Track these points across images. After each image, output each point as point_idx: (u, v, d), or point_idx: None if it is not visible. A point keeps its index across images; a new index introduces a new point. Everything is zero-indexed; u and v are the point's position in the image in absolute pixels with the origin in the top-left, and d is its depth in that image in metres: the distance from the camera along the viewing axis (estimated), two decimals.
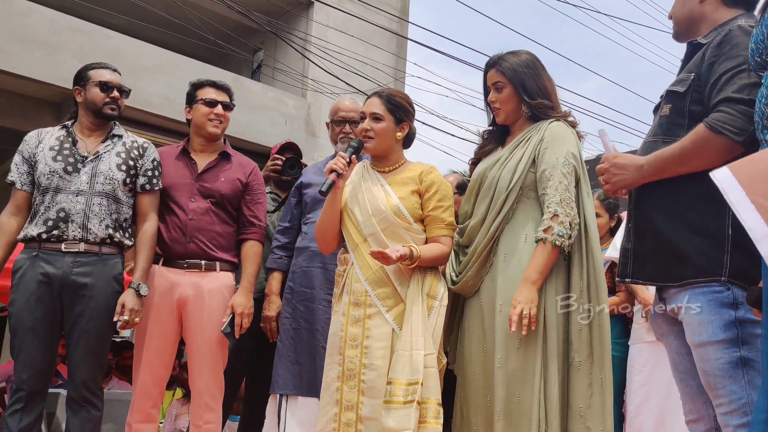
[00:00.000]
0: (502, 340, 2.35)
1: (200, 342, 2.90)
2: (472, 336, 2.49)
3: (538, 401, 2.30)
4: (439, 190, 2.58)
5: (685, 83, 2.01)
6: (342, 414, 2.43)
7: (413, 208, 2.55)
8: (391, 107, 2.61)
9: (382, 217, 2.52)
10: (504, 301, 2.37)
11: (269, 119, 9.63)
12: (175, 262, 2.96)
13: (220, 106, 3.08)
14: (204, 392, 2.90)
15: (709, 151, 1.86)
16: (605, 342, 2.39)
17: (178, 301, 2.91)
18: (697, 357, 1.90)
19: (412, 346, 2.35)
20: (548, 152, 2.43)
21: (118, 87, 2.94)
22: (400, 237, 2.51)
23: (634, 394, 3.45)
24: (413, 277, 2.48)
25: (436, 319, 2.45)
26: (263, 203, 3.18)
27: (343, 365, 2.47)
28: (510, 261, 2.42)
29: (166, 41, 9.56)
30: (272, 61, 10.72)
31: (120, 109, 2.97)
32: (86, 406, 2.71)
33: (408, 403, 2.28)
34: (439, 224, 2.56)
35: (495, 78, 2.57)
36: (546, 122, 2.51)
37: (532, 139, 2.49)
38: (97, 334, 2.75)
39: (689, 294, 1.90)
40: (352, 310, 2.50)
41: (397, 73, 10.76)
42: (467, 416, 2.46)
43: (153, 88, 8.51)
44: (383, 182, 2.61)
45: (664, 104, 2.08)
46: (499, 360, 2.34)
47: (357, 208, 2.58)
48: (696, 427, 2.05)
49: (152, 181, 2.94)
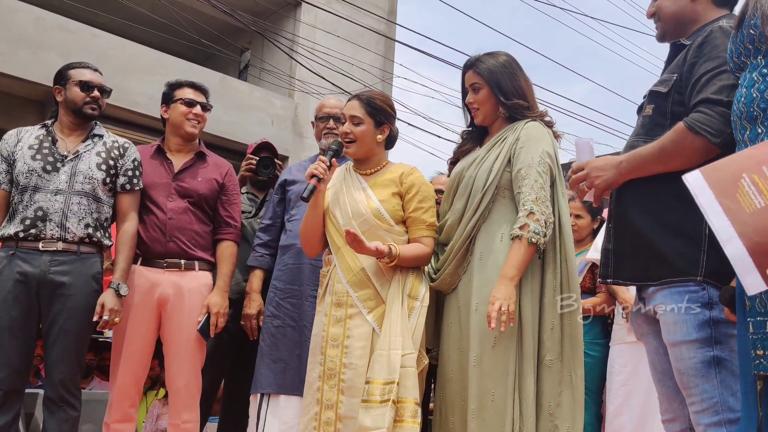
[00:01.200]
0: (477, 339, 2.37)
1: (180, 341, 2.90)
2: (450, 335, 2.50)
3: (512, 399, 2.31)
4: (420, 191, 2.58)
5: (668, 84, 2.02)
6: (322, 413, 2.44)
7: (394, 210, 2.55)
8: (370, 110, 2.61)
9: (363, 219, 2.53)
10: (480, 299, 2.39)
11: (256, 119, 9.62)
12: (154, 261, 2.95)
13: (198, 107, 3.09)
14: (183, 391, 2.89)
15: (686, 150, 1.88)
16: (577, 341, 2.41)
17: (158, 301, 2.91)
18: (672, 356, 1.92)
19: (390, 346, 2.35)
20: (524, 152, 2.44)
21: (98, 86, 2.92)
22: (381, 239, 2.51)
23: (615, 394, 3.46)
24: (394, 277, 2.49)
25: (417, 319, 2.45)
26: (239, 203, 3.19)
27: (324, 365, 2.48)
28: (486, 260, 2.44)
29: (153, 41, 9.54)
30: (259, 62, 10.71)
31: (101, 109, 2.95)
32: (64, 406, 2.69)
33: (384, 402, 2.29)
34: (420, 225, 2.56)
35: (472, 79, 2.59)
36: (522, 122, 2.53)
37: (508, 138, 2.51)
38: (75, 334, 2.73)
39: (666, 293, 1.92)
40: (334, 311, 2.51)
41: (384, 75, 10.77)
42: (445, 415, 2.47)
43: (140, 87, 8.49)
44: (364, 185, 2.61)
45: (646, 104, 2.09)
46: (474, 358, 2.35)
47: (338, 211, 2.59)
48: (671, 426, 2.07)
49: (132, 181, 2.93)
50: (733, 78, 1.82)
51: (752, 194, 1.38)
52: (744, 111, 1.64)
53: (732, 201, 1.40)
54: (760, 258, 1.35)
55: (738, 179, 1.41)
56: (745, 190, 1.39)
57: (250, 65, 11.26)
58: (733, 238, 1.38)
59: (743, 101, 1.65)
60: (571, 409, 2.37)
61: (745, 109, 1.64)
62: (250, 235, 3.43)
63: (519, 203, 2.41)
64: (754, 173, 1.39)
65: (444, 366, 2.50)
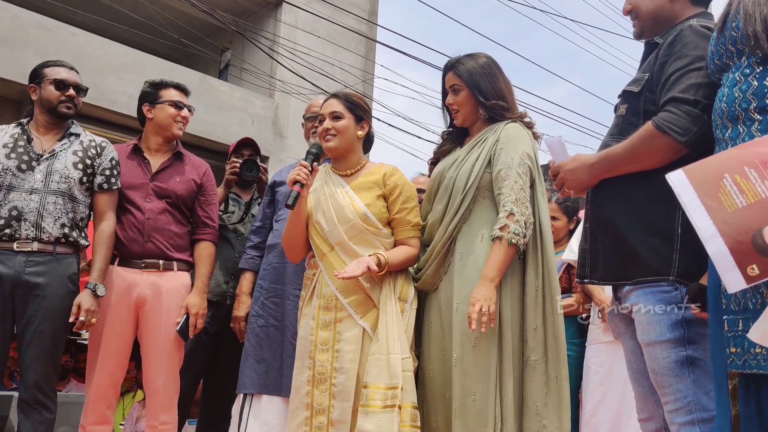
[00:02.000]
0: (458, 339, 2.37)
1: (158, 342, 2.88)
2: (431, 334, 2.51)
3: (494, 399, 2.32)
4: (403, 191, 2.58)
5: (640, 83, 2.03)
6: (314, 418, 2.42)
7: (380, 213, 2.55)
8: (349, 105, 2.62)
9: (350, 225, 2.51)
10: (461, 299, 2.39)
11: (236, 119, 9.58)
12: (132, 261, 2.93)
13: (185, 109, 3.09)
14: (161, 392, 2.87)
15: (654, 149, 1.89)
16: (560, 341, 2.43)
17: (136, 301, 2.88)
18: (647, 356, 1.93)
19: (389, 350, 2.35)
20: (504, 153, 2.46)
21: (74, 85, 2.89)
22: (369, 243, 2.51)
23: (591, 394, 3.48)
24: (385, 280, 2.49)
25: (407, 321, 2.47)
26: (216, 204, 3.18)
27: (313, 369, 2.45)
28: (466, 260, 2.45)
29: (132, 40, 9.46)
30: (240, 62, 10.67)
31: (76, 108, 2.92)
32: (38, 408, 2.66)
33: (388, 408, 2.28)
34: (405, 226, 2.57)
35: (452, 81, 2.60)
36: (502, 123, 2.55)
37: (488, 140, 2.52)
38: (50, 335, 2.69)
39: (640, 293, 1.93)
40: (322, 314, 2.49)
41: (365, 75, 10.77)
42: (427, 415, 2.47)
43: (119, 86, 8.42)
44: (346, 187, 2.59)
45: (620, 104, 2.10)
46: (455, 358, 2.36)
47: (322, 217, 2.56)
48: (647, 425, 2.08)
49: (110, 180, 2.90)
50: (703, 76, 1.84)
51: (734, 194, 1.40)
52: (726, 110, 1.66)
53: (714, 200, 1.42)
54: (741, 257, 1.37)
55: (720, 179, 1.43)
56: (727, 190, 1.41)
57: (231, 65, 11.21)
58: (715, 237, 1.40)
59: (725, 101, 1.67)
60: (558, 408, 2.38)
61: (726, 108, 1.66)
62: (232, 236, 3.41)
63: (499, 204, 2.42)
64: (736, 173, 1.41)
65: (425, 365, 2.50)
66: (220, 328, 3.24)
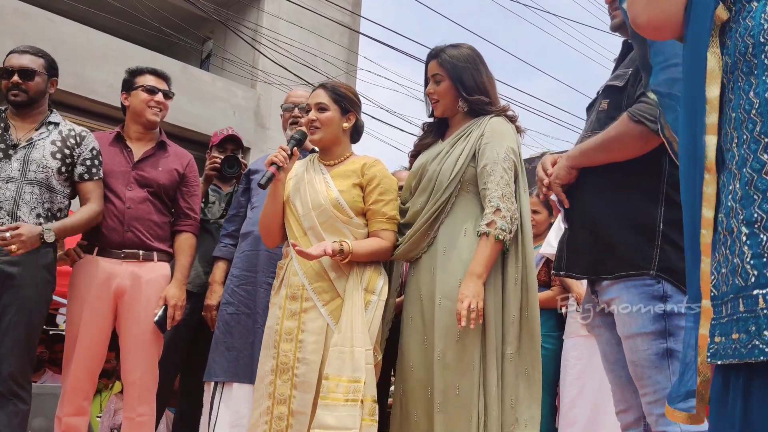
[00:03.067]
0: (441, 333, 2.37)
1: (137, 332, 2.86)
2: (411, 327, 2.50)
3: (477, 392, 2.32)
4: (381, 183, 2.56)
5: (623, 78, 2.04)
6: (275, 408, 2.42)
7: (354, 201, 2.53)
8: (336, 97, 2.60)
9: (321, 210, 2.51)
10: (443, 294, 2.39)
11: (218, 110, 9.51)
12: (112, 251, 2.89)
13: (160, 94, 3.04)
14: (139, 383, 2.85)
15: (627, 138, 1.91)
16: (535, 334, 2.45)
17: (115, 292, 2.86)
18: (627, 348, 1.95)
19: (353, 343, 2.34)
20: (489, 148, 2.45)
21: (20, 70, 2.80)
22: (339, 231, 2.50)
23: (569, 387, 3.51)
24: (352, 271, 2.47)
25: (373, 313, 2.45)
26: (198, 195, 3.15)
27: (277, 359, 2.45)
28: (450, 254, 2.44)
29: (113, 28, 9.35)
30: (222, 51, 10.59)
31: (28, 93, 2.81)
32: (13, 400, 2.61)
33: (350, 402, 2.27)
34: (379, 218, 2.54)
35: (435, 70, 2.58)
36: (486, 118, 2.53)
37: (473, 133, 2.51)
38: (25, 326, 2.65)
39: (621, 287, 1.94)
40: (289, 304, 2.48)
41: (348, 67, 10.74)
42: (407, 409, 2.46)
43: (98, 75, 8.32)
44: (326, 174, 2.59)
45: (602, 99, 2.11)
46: (438, 353, 2.36)
47: (299, 201, 2.57)
48: (625, 416, 2.10)
49: (91, 171, 2.86)
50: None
51: None
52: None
53: None
54: None
55: None
56: None
57: (213, 55, 11.13)
58: None
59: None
60: (528, 401, 2.40)
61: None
62: (213, 228, 3.39)
63: (485, 199, 2.41)
64: None
65: (405, 359, 2.49)
66: (200, 319, 3.22)
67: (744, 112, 1.16)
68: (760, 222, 1.11)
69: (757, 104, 1.14)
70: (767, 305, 1.07)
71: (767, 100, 1.12)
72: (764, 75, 1.13)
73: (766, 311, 1.08)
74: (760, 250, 1.10)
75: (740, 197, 1.15)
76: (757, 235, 1.11)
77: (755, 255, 1.11)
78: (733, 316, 1.13)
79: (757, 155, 1.12)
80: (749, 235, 1.12)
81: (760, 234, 1.10)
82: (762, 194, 1.11)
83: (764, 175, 1.11)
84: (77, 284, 2.88)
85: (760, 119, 1.13)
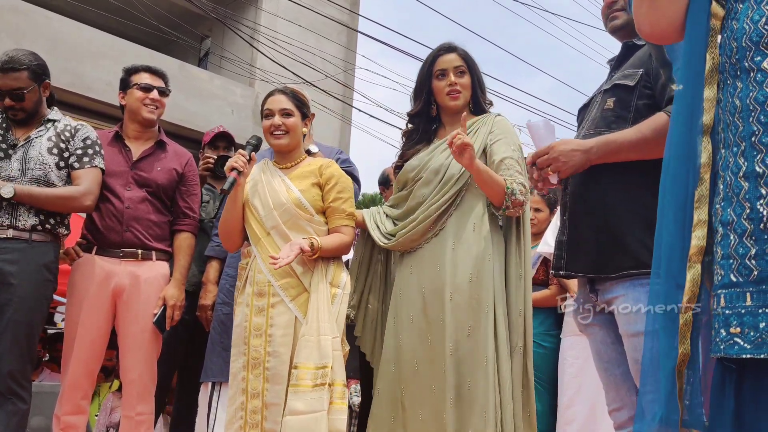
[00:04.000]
0: (452, 329, 2.39)
1: (135, 331, 2.85)
2: (411, 326, 2.50)
3: (492, 386, 2.35)
4: (338, 182, 2.65)
5: (634, 78, 2.02)
6: (248, 402, 2.48)
7: (314, 200, 2.61)
8: (297, 103, 2.69)
9: (284, 209, 2.58)
10: (454, 289, 2.42)
11: (216, 108, 9.51)
12: (110, 251, 2.89)
13: (155, 92, 3.03)
14: (137, 382, 2.85)
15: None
16: (530, 330, 2.52)
17: (113, 291, 2.85)
18: (630, 346, 1.93)
19: (319, 332, 2.41)
20: (503, 143, 2.52)
21: (8, 92, 2.74)
22: (302, 229, 2.57)
23: (567, 385, 3.51)
24: (316, 266, 2.55)
25: (339, 306, 2.54)
26: (198, 194, 3.15)
27: (248, 355, 2.52)
28: (458, 249, 2.47)
29: (110, 26, 9.34)
30: (220, 50, 10.58)
31: (24, 110, 2.79)
32: (12, 399, 2.61)
33: (318, 386, 2.35)
34: (339, 215, 2.63)
35: (457, 62, 2.62)
36: (491, 115, 2.61)
37: (480, 130, 2.57)
38: (24, 324, 2.65)
39: (628, 285, 1.93)
40: (256, 301, 2.54)
41: (346, 66, 10.73)
42: (411, 410, 2.45)
43: (96, 73, 8.30)
44: (284, 177, 2.66)
45: (608, 98, 2.08)
46: (450, 348, 2.38)
47: (258, 201, 2.63)
48: (618, 415, 2.09)
49: (82, 159, 2.83)
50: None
51: None
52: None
53: None
54: None
55: None
56: None
57: (210, 53, 11.12)
58: None
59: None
60: (528, 392, 2.47)
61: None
62: (209, 227, 3.39)
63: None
64: None
65: (406, 359, 2.49)
66: (195, 318, 3.22)
67: (729, 115, 1.17)
68: (732, 224, 1.13)
69: (739, 108, 1.15)
70: (724, 305, 1.10)
71: (748, 105, 1.13)
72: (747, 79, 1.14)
73: (720, 311, 1.10)
74: (729, 251, 1.12)
75: (721, 198, 1.16)
76: (727, 236, 1.12)
77: (724, 256, 1.12)
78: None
79: (737, 159, 1.13)
80: (723, 236, 1.14)
81: (731, 235, 1.12)
82: (736, 197, 1.13)
83: (740, 178, 1.12)
84: (76, 283, 2.88)
85: (741, 123, 1.14)
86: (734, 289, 1.11)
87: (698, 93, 1.25)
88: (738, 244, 1.11)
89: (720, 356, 1.10)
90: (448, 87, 2.60)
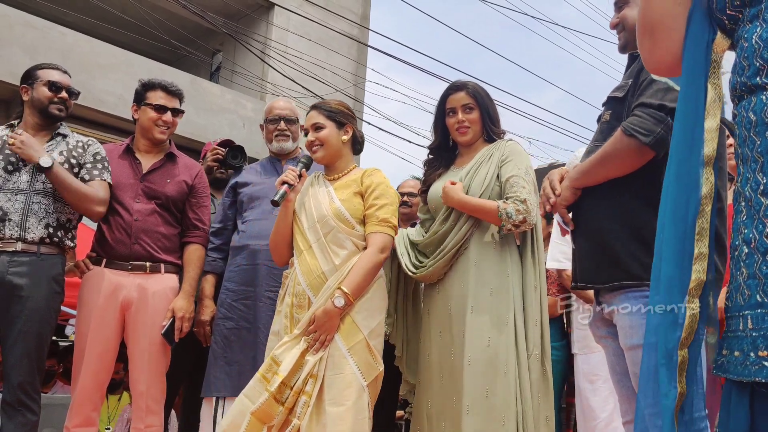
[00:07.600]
0: (471, 339, 2.47)
1: (144, 344, 2.86)
2: (442, 344, 2.59)
3: (514, 394, 2.41)
4: (376, 188, 2.58)
5: (624, 89, 2.08)
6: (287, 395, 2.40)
7: (355, 209, 2.56)
8: (329, 114, 2.67)
9: (324, 221, 2.54)
10: (476, 303, 2.51)
11: (227, 121, 9.57)
12: (119, 263, 2.90)
13: (169, 113, 3.04)
14: (146, 395, 2.85)
15: (622, 153, 1.94)
16: (546, 334, 2.60)
17: (122, 303, 2.86)
18: (629, 359, 1.95)
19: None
20: (512, 164, 2.63)
21: (67, 88, 2.88)
22: (341, 243, 2.52)
23: (605, 401, 3.44)
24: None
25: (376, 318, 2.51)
26: (208, 206, 3.14)
27: None
28: (481, 266, 2.57)
29: (122, 40, 9.43)
30: (231, 64, 10.66)
31: (67, 110, 2.91)
32: (22, 410, 2.63)
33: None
34: (371, 222, 2.54)
35: (465, 100, 2.75)
36: (503, 142, 2.75)
37: (494, 156, 2.69)
38: (34, 336, 2.67)
39: (623, 297, 1.95)
40: (296, 312, 2.50)
41: (356, 79, 10.79)
42: (437, 422, 2.54)
43: (107, 86, 8.39)
44: (329, 188, 2.64)
45: (605, 111, 2.15)
46: (468, 358, 2.44)
47: (303, 214, 2.61)
48: (632, 427, 2.08)
49: (92, 172, 2.86)
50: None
51: None
52: None
53: None
54: None
55: None
56: None
57: (222, 67, 11.20)
58: None
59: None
60: (546, 397, 2.53)
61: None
62: None
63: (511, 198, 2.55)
64: None
65: (432, 376, 2.59)
66: None
67: (745, 131, 1.16)
68: (754, 242, 1.12)
69: (754, 122, 1.14)
70: (752, 326, 1.09)
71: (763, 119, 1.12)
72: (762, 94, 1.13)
73: (747, 332, 1.09)
74: (754, 271, 1.11)
75: (744, 216, 1.15)
76: (752, 255, 1.11)
77: (750, 275, 1.11)
78: (736, 332, 1.13)
79: (755, 175, 1.13)
80: (748, 255, 1.12)
81: (755, 254, 1.11)
82: (757, 214, 1.11)
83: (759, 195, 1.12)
84: (85, 296, 2.89)
85: (758, 138, 1.13)
86: (761, 310, 1.09)
87: (699, 123, 1.24)
88: (762, 263, 1.10)
89: (752, 380, 1.08)
90: (457, 124, 2.75)
